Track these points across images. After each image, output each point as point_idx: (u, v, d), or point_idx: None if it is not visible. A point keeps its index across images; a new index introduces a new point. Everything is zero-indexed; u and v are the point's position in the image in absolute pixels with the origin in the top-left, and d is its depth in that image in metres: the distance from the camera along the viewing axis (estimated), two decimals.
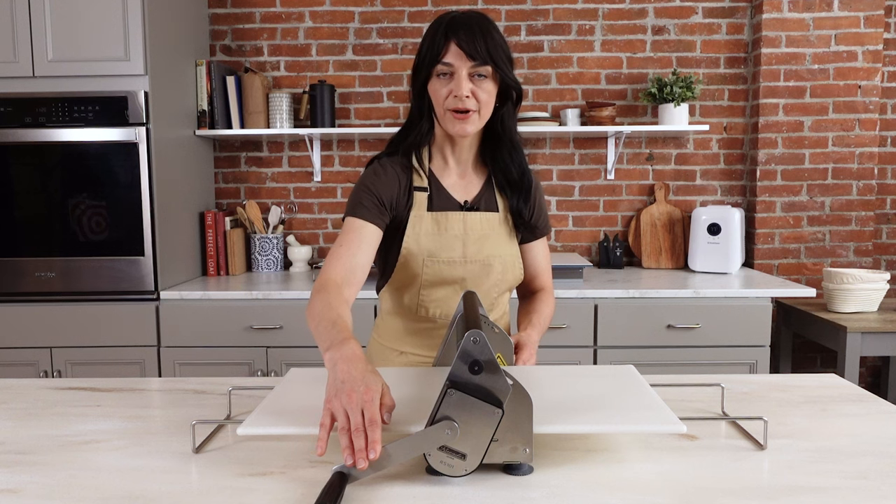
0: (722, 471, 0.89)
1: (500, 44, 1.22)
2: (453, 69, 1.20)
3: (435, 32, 1.22)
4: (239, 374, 2.44)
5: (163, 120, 2.45)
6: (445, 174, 1.33)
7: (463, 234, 1.30)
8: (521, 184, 1.33)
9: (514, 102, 1.29)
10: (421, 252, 1.28)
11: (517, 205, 1.34)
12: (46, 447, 0.99)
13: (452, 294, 1.32)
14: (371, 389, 0.85)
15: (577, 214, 3.04)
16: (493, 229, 1.33)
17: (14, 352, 2.42)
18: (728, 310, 2.41)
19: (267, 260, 2.91)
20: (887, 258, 3.08)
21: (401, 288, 1.34)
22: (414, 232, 1.28)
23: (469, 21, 1.21)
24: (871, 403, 1.17)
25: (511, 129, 1.31)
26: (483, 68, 1.20)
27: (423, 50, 1.24)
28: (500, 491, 0.83)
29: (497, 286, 1.35)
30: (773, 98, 2.85)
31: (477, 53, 1.19)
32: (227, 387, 1.17)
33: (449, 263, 1.29)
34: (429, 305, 1.33)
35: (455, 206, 1.32)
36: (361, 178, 1.29)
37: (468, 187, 1.34)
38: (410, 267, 1.29)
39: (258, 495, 0.83)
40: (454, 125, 1.23)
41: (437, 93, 1.23)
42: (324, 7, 2.97)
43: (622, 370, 1.15)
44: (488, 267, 1.32)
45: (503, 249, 1.34)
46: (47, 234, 2.39)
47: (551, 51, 2.98)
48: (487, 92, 1.22)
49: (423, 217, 1.29)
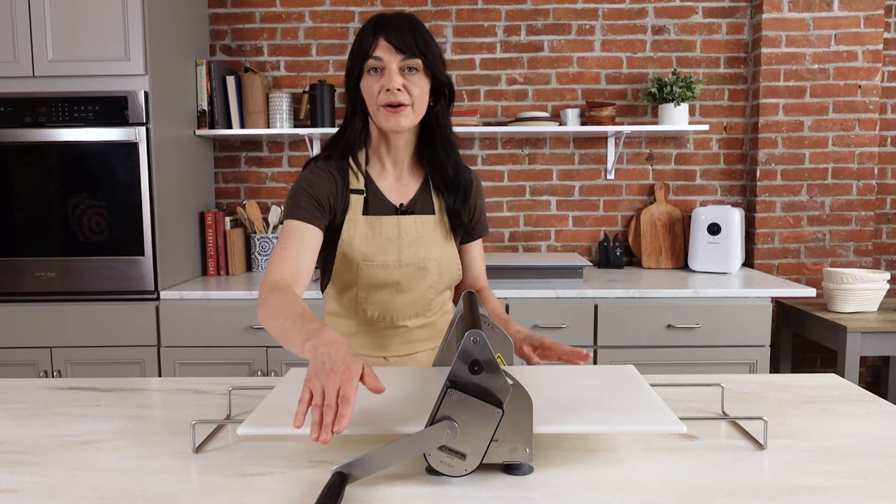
0: (722, 471, 0.89)
1: (429, 40, 1.24)
2: (383, 63, 1.21)
3: (364, 31, 1.24)
4: (239, 374, 2.44)
5: (163, 120, 2.45)
6: (382, 177, 1.34)
7: (397, 238, 1.31)
8: (456, 182, 1.33)
9: (448, 100, 1.30)
10: (356, 256, 1.29)
11: (454, 205, 1.34)
12: (46, 447, 0.99)
13: (390, 296, 1.33)
14: (350, 369, 0.86)
15: (577, 214, 3.04)
16: (428, 232, 1.34)
17: (14, 352, 2.42)
18: (728, 310, 2.41)
19: (267, 260, 2.91)
20: (887, 258, 3.08)
21: (340, 290, 1.35)
22: (349, 235, 1.29)
23: (397, 18, 1.24)
24: (871, 403, 1.17)
25: (446, 127, 1.32)
26: (413, 61, 1.21)
27: (354, 48, 1.25)
28: (500, 491, 0.83)
29: (433, 287, 1.36)
30: (773, 98, 2.85)
31: (406, 46, 1.20)
32: (227, 387, 1.17)
33: (384, 267, 1.30)
34: (367, 307, 1.34)
35: (390, 210, 1.32)
36: (298, 180, 1.29)
37: (404, 190, 1.35)
38: (346, 270, 1.31)
39: (258, 495, 0.83)
40: (388, 119, 1.23)
41: (370, 89, 1.23)
42: (324, 7, 2.97)
43: (622, 370, 1.15)
44: (423, 269, 1.33)
45: (438, 251, 1.34)
46: (47, 234, 2.39)
47: (551, 51, 2.98)
48: (419, 86, 1.23)
49: (358, 221, 1.29)
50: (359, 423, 0.89)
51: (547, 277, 2.52)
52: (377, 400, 1.00)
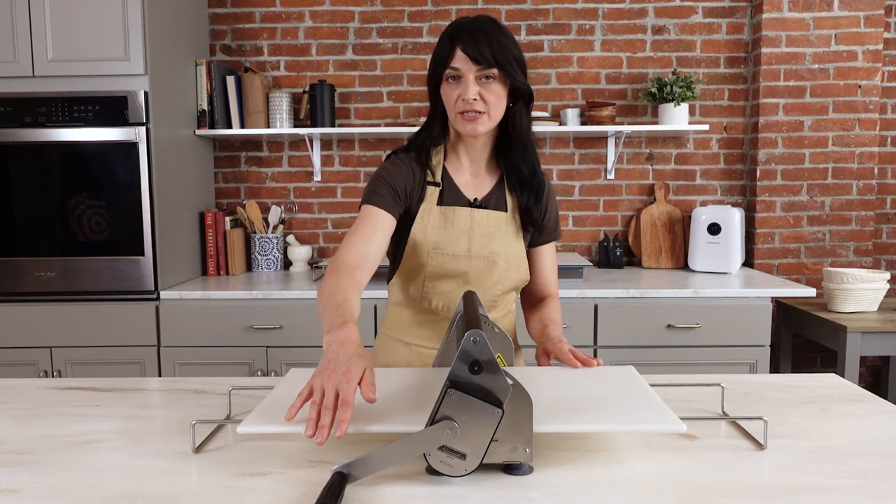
0: (722, 471, 0.89)
1: (508, 47, 1.25)
2: (461, 73, 1.24)
3: (443, 38, 1.27)
4: (239, 374, 2.44)
5: (163, 120, 2.45)
6: (459, 172, 1.37)
7: (469, 230, 1.33)
8: (531, 182, 1.35)
9: (526, 103, 1.32)
10: (427, 243, 1.32)
11: (526, 202, 1.36)
12: (46, 447, 0.99)
13: (456, 288, 1.34)
14: (350, 371, 0.88)
15: (577, 214, 3.04)
16: (500, 227, 1.35)
17: (14, 352, 2.42)
18: (728, 310, 2.41)
19: (267, 260, 2.91)
20: (887, 258, 3.08)
21: (407, 279, 1.37)
22: (422, 223, 1.32)
23: (475, 26, 1.25)
24: (871, 403, 1.17)
25: (523, 130, 1.33)
26: (489, 71, 1.23)
27: (434, 56, 1.29)
28: (500, 491, 0.83)
29: (500, 284, 1.36)
30: (773, 98, 2.85)
31: (481, 57, 1.22)
32: (227, 387, 1.17)
33: (453, 257, 1.32)
34: (433, 297, 1.35)
35: (464, 203, 1.35)
36: (378, 169, 1.33)
37: (480, 186, 1.38)
38: (416, 257, 1.33)
39: (258, 495, 0.83)
40: (464, 126, 1.27)
41: (448, 96, 1.28)
42: (324, 7, 2.97)
43: (622, 370, 1.15)
44: (492, 263, 1.34)
45: (508, 247, 1.36)
46: (47, 234, 2.39)
47: (551, 51, 2.98)
48: (496, 94, 1.25)
49: (432, 210, 1.33)
50: (359, 422, 0.89)
51: None
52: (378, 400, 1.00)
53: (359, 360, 0.91)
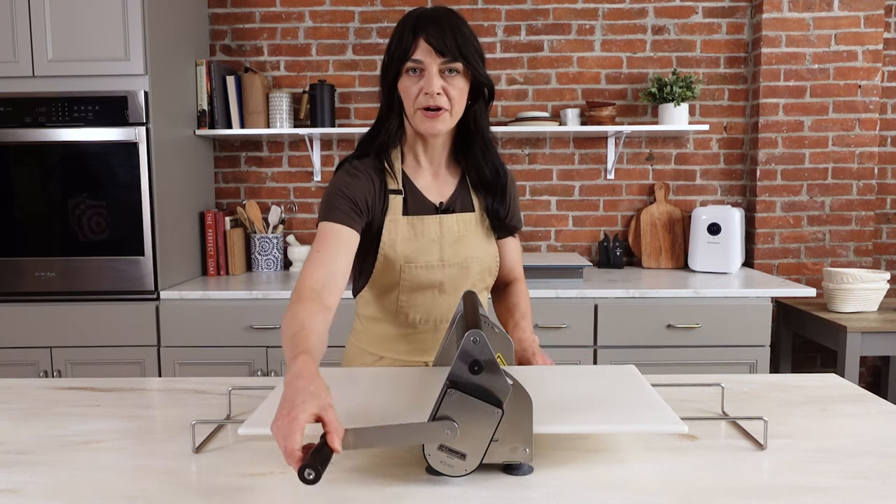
0: (722, 471, 0.89)
1: (471, 40, 1.20)
2: (423, 66, 1.17)
3: (403, 29, 1.19)
4: (239, 374, 2.44)
5: (163, 120, 2.45)
6: (419, 175, 1.30)
7: (439, 237, 1.28)
8: (495, 184, 1.31)
9: (487, 100, 1.27)
10: (398, 258, 1.25)
11: (493, 205, 1.32)
12: (46, 447, 0.99)
13: (432, 298, 1.30)
14: (294, 418, 0.78)
15: (577, 214, 3.04)
16: (470, 230, 1.31)
17: (14, 352, 2.42)
18: (728, 310, 2.41)
19: (267, 260, 2.91)
20: (887, 258, 3.08)
21: (380, 293, 1.31)
22: (390, 238, 1.25)
23: (438, 16, 1.18)
24: (871, 403, 1.17)
25: (484, 128, 1.29)
26: (454, 64, 1.18)
27: (392, 47, 1.21)
28: (500, 491, 0.83)
29: (475, 287, 1.34)
30: (773, 98, 2.85)
31: (447, 49, 1.16)
32: (227, 387, 1.17)
33: (427, 268, 1.27)
34: (409, 310, 1.31)
35: (430, 209, 1.29)
36: (333, 181, 1.25)
37: (442, 188, 1.32)
38: (388, 273, 1.27)
39: (258, 495, 0.83)
40: (424, 124, 1.21)
41: (408, 91, 1.20)
42: (324, 7, 2.97)
43: (623, 370, 1.15)
44: (466, 269, 1.30)
45: (480, 250, 1.32)
46: (47, 233, 2.39)
47: (551, 51, 2.98)
48: (459, 89, 1.20)
49: (399, 222, 1.26)
50: (358, 421, 0.89)
51: (547, 277, 2.52)
52: (377, 400, 1.00)
53: (310, 398, 0.80)
